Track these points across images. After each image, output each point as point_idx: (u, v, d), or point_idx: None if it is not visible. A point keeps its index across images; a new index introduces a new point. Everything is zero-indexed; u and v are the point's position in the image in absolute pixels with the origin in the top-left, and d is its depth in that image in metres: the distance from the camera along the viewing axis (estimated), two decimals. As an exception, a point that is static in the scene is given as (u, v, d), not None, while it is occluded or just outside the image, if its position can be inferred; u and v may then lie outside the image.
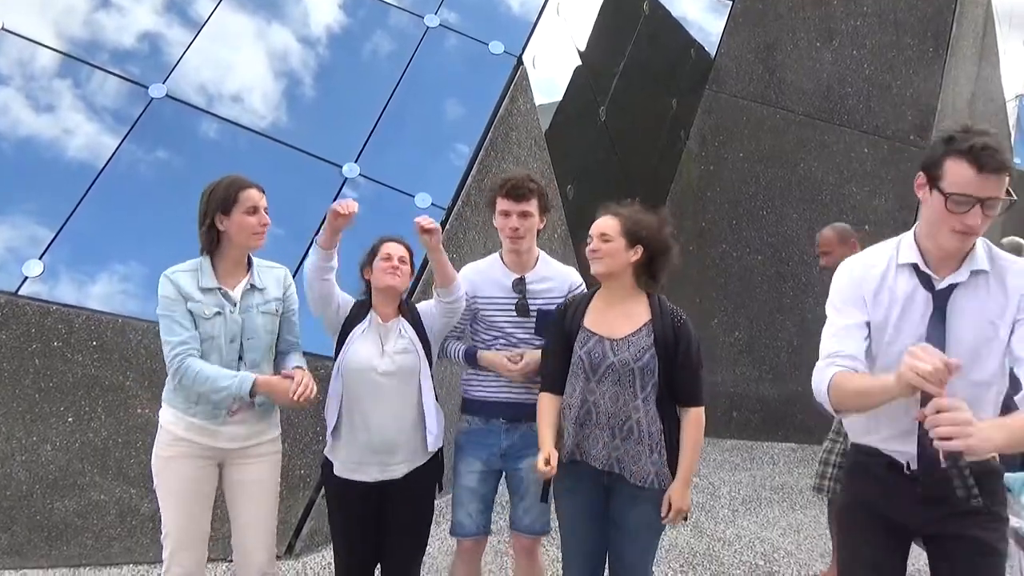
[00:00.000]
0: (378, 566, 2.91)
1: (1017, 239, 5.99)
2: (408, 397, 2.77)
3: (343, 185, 4.74)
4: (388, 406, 2.74)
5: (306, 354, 2.87)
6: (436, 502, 2.96)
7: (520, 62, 5.44)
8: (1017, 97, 13.99)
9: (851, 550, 2.28)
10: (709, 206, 8.18)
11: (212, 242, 2.68)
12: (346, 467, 2.79)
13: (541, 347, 2.83)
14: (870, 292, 2.13)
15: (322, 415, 2.90)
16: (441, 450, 2.92)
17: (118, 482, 3.99)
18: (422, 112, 5.19)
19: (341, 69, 5.35)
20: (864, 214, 7.43)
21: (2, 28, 4.78)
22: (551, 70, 6.15)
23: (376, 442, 2.73)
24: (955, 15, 7.97)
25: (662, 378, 2.54)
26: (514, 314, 2.91)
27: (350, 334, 2.78)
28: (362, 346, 2.76)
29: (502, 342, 2.93)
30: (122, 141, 4.62)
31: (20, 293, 4.06)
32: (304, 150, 4.83)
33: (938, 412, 1.72)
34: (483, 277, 2.98)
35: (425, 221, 2.70)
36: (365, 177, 4.80)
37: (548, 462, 2.51)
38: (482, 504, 2.92)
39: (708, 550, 4.52)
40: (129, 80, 4.83)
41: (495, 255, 3.05)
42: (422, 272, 4.52)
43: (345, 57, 5.40)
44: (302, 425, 4.10)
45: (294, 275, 2.92)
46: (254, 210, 2.66)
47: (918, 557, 2.26)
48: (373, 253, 2.84)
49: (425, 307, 2.92)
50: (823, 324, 2.25)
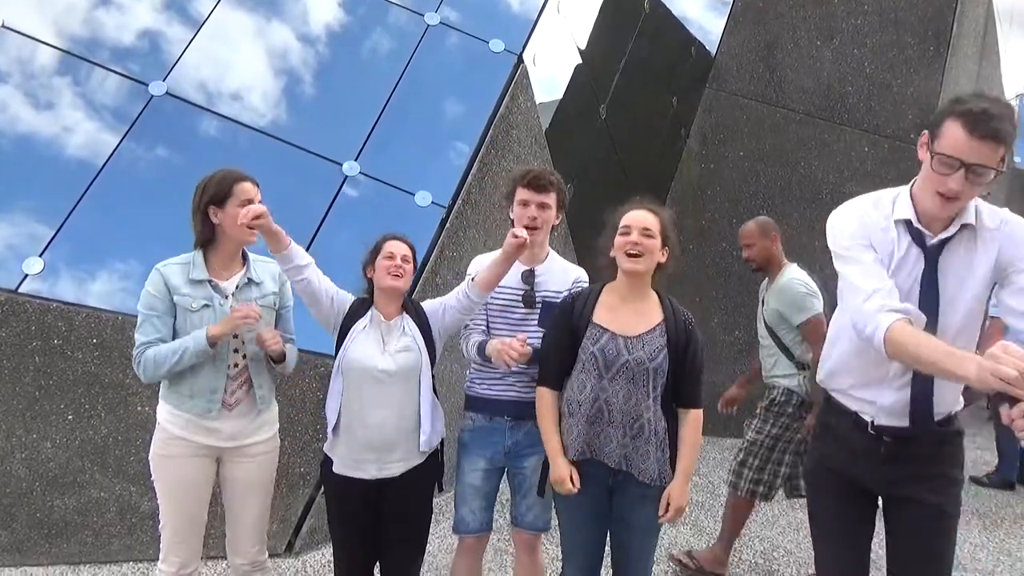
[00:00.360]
0: (378, 565, 2.91)
1: None
2: (408, 396, 2.77)
3: (343, 183, 4.74)
4: (387, 404, 2.74)
5: (306, 351, 2.88)
6: (435, 500, 2.96)
7: (520, 60, 5.43)
8: (1018, 96, 13.98)
9: (819, 509, 2.30)
10: (709, 205, 8.18)
11: (206, 235, 2.69)
12: (345, 464, 2.78)
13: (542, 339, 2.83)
14: (875, 235, 2.12)
15: (322, 414, 2.90)
16: (441, 449, 2.92)
17: (118, 480, 3.99)
18: (422, 110, 5.18)
19: (341, 67, 5.34)
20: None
21: (2, 25, 4.77)
22: (551, 68, 6.15)
23: (374, 440, 2.73)
24: (956, 14, 7.96)
25: (669, 378, 2.55)
26: (520, 305, 2.92)
27: (350, 331, 2.78)
28: (363, 344, 2.75)
29: (505, 336, 2.93)
30: (122, 139, 4.62)
31: (20, 291, 4.06)
32: (304, 148, 4.82)
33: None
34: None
35: (520, 236, 2.66)
36: (365, 175, 4.80)
37: (572, 481, 2.56)
38: (485, 501, 2.93)
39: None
40: (129, 78, 4.83)
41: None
42: (422, 271, 4.53)
43: (345, 55, 5.40)
44: (302, 423, 4.10)
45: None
46: (248, 203, 2.66)
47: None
48: (376, 251, 2.83)
49: (432, 307, 2.91)
50: (822, 323, 2.25)
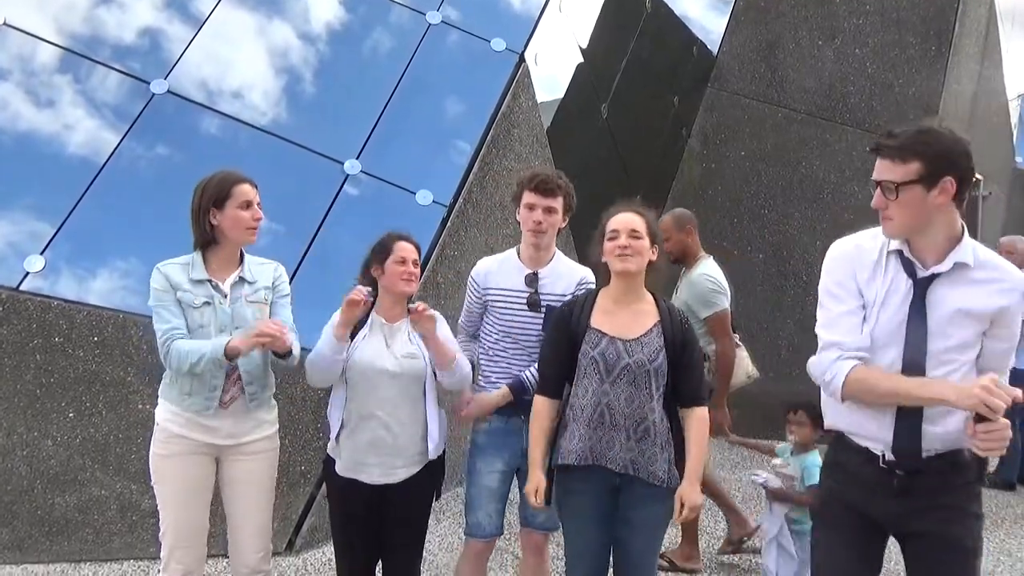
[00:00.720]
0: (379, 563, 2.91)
1: (1016, 238, 5.99)
2: (413, 402, 2.76)
3: (344, 182, 4.74)
4: (392, 409, 2.72)
5: (308, 350, 2.86)
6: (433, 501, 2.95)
7: (522, 59, 5.43)
8: (1019, 96, 13.96)
9: (825, 546, 2.27)
10: (710, 204, 8.16)
11: (205, 237, 2.68)
12: (348, 467, 2.78)
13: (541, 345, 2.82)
14: (863, 273, 2.15)
15: (323, 412, 2.90)
16: (444, 455, 2.90)
17: (119, 477, 3.99)
18: (424, 109, 5.18)
19: (343, 65, 5.34)
20: (865, 213, 7.34)
21: (4, 23, 4.77)
22: (553, 67, 6.15)
23: (379, 445, 2.72)
24: (958, 14, 7.95)
25: (670, 379, 2.55)
26: (524, 308, 2.90)
27: (354, 338, 2.76)
28: (366, 349, 2.74)
29: (508, 340, 2.94)
30: (123, 137, 4.61)
31: (21, 288, 4.06)
32: (305, 146, 4.82)
33: (988, 432, 1.87)
34: (498, 268, 3.00)
35: (421, 307, 2.68)
36: (366, 174, 4.80)
37: (538, 493, 2.57)
38: (500, 504, 2.91)
39: (708, 548, 4.52)
40: (130, 76, 4.83)
41: (513, 250, 3.05)
42: (423, 270, 4.53)
43: (347, 53, 5.39)
44: (303, 422, 4.10)
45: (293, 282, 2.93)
46: (247, 205, 2.65)
47: (898, 560, 2.26)
48: (385, 252, 2.78)
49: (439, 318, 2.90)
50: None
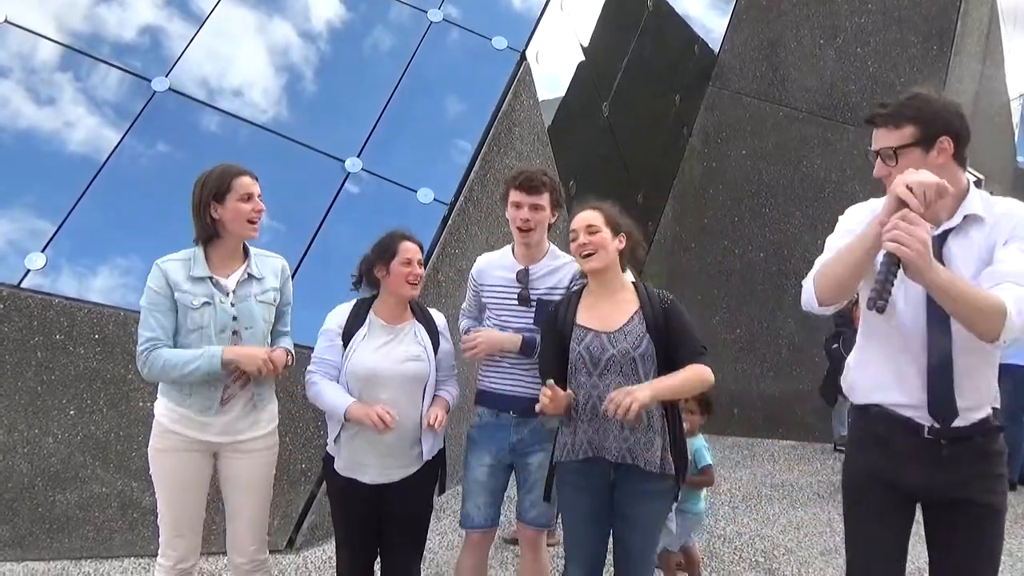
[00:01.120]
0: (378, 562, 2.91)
1: None
2: (412, 404, 2.76)
3: (345, 180, 4.74)
4: (392, 413, 2.71)
5: (308, 347, 2.87)
6: (435, 499, 2.96)
7: (523, 57, 5.43)
8: (1021, 96, 13.94)
9: (859, 518, 2.27)
10: (711, 203, 8.17)
11: (207, 231, 2.67)
12: (347, 467, 2.79)
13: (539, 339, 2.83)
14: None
15: (323, 411, 2.90)
16: (443, 452, 2.92)
17: (119, 475, 4.00)
18: (425, 107, 5.18)
19: (344, 63, 5.34)
20: (867, 212, 7.41)
21: (5, 21, 4.77)
22: (554, 66, 6.14)
23: (377, 447, 2.73)
24: (960, 13, 7.95)
25: (660, 362, 2.56)
26: (516, 303, 2.93)
27: (351, 342, 2.76)
28: (365, 352, 2.74)
29: (501, 330, 2.96)
30: (124, 134, 4.62)
31: (22, 286, 4.06)
32: (307, 144, 4.82)
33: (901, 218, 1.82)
34: (492, 266, 3.04)
35: (434, 423, 2.74)
36: (367, 172, 4.80)
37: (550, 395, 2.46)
38: (491, 497, 2.93)
39: (708, 547, 4.52)
40: (132, 73, 4.83)
41: (508, 247, 3.08)
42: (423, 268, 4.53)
43: (348, 51, 5.39)
44: (303, 419, 4.10)
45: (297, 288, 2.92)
46: (248, 197, 2.65)
47: (918, 556, 2.26)
48: (390, 252, 2.77)
49: (440, 321, 2.93)
50: (824, 322, 2.25)
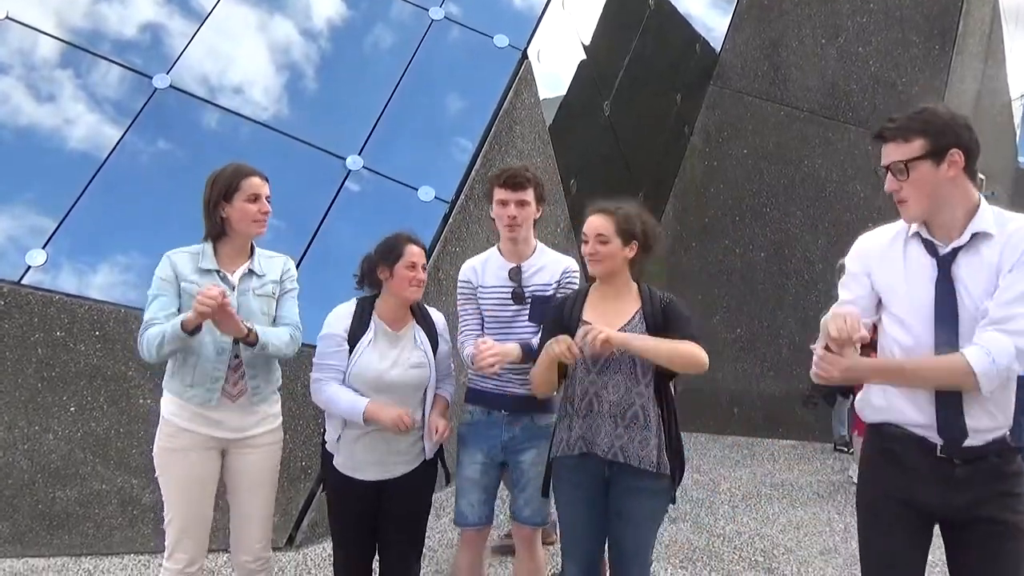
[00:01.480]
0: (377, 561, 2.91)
1: None
2: (414, 407, 2.77)
3: (346, 178, 4.74)
4: None
5: (309, 346, 2.86)
6: (435, 496, 2.96)
7: (525, 56, 5.42)
8: (1022, 96, 13.93)
9: (876, 537, 2.25)
10: (712, 202, 8.17)
11: (216, 229, 2.69)
12: (347, 465, 2.79)
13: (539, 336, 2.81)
14: (875, 259, 2.18)
15: (323, 409, 2.91)
16: (441, 450, 2.92)
17: (120, 472, 4.00)
18: (426, 105, 5.17)
19: (345, 61, 5.33)
20: (867, 212, 7.42)
21: (6, 17, 4.77)
22: (556, 64, 6.14)
23: (379, 447, 2.74)
24: (962, 13, 7.95)
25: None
26: (511, 302, 2.92)
27: (356, 347, 2.75)
28: (370, 357, 2.73)
29: (497, 336, 2.90)
30: (125, 131, 4.61)
31: (23, 282, 4.06)
32: (308, 142, 4.82)
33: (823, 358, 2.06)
34: (483, 268, 3.01)
35: (438, 433, 2.78)
36: (368, 170, 4.80)
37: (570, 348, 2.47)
38: (484, 495, 2.93)
39: (708, 546, 4.53)
40: (133, 70, 4.82)
41: (493, 248, 3.06)
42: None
43: (349, 49, 5.39)
44: (304, 417, 4.10)
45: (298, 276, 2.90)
46: (255, 198, 2.66)
47: (932, 551, 2.25)
48: (395, 255, 2.75)
49: (440, 322, 2.91)
50: None
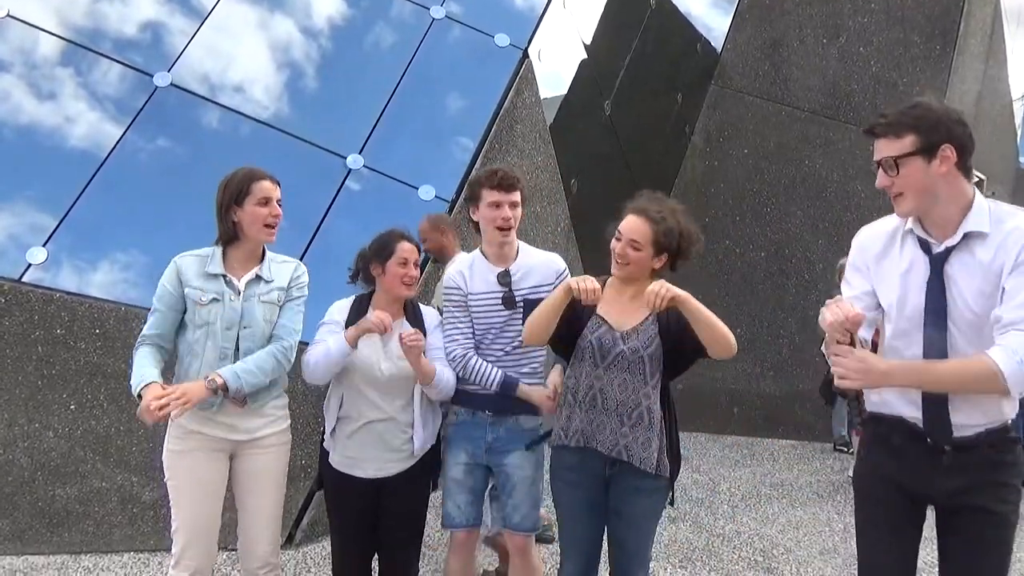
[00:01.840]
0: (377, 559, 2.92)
1: None
2: (405, 400, 2.78)
3: (347, 176, 4.74)
4: (385, 408, 2.76)
5: (305, 342, 2.86)
6: (435, 495, 2.97)
7: (526, 55, 5.42)
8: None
9: (869, 518, 2.27)
10: (713, 202, 8.16)
11: (228, 233, 2.69)
12: (342, 462, 2.81)
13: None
14: (872, 257, 2.19)
15: (323, 407, 2.91)
16: (438, 447, 2.93)
17: (120, 470, 4.01)
18: (427, 104, 5.17)
19: (346, 60, 5.33)
20: (868, 212, 7.37)
21: (7, 15, 4.77)
22: (556, 63, 6.13)
23: (371, 444, 2.75)
24: (963, 13, 7.94)
25: (666, 365, 2.57)
26: (501, 308, 2.88)
27: None
28: (363, 348, 2.75)
29: (486, 341, 2.89)
30: (126, 130, 4.62)
31: (23, 280, 4.06)
32: (308, 140, 4.82)
33: (837, 355, 1.96)
34: (471, 274, 2.94)
35: (409, 339, 2.64)
36: (369, 168, 4.80)
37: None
38: (470, 496, 2.90)
39: (707, 545, 4.53)
40: (133, 68, 4.83)
41: (475, 252, 3.00)
42: (424, 265, 4.53)
43: (350, 48, 5.39)
44: (303, 416, 4.10)
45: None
46: (266, 201, 2.66)
47: (929, 552, 2.27)
48: (387, 251, 2.78)
49: (433, 339, 2.88)
50: None
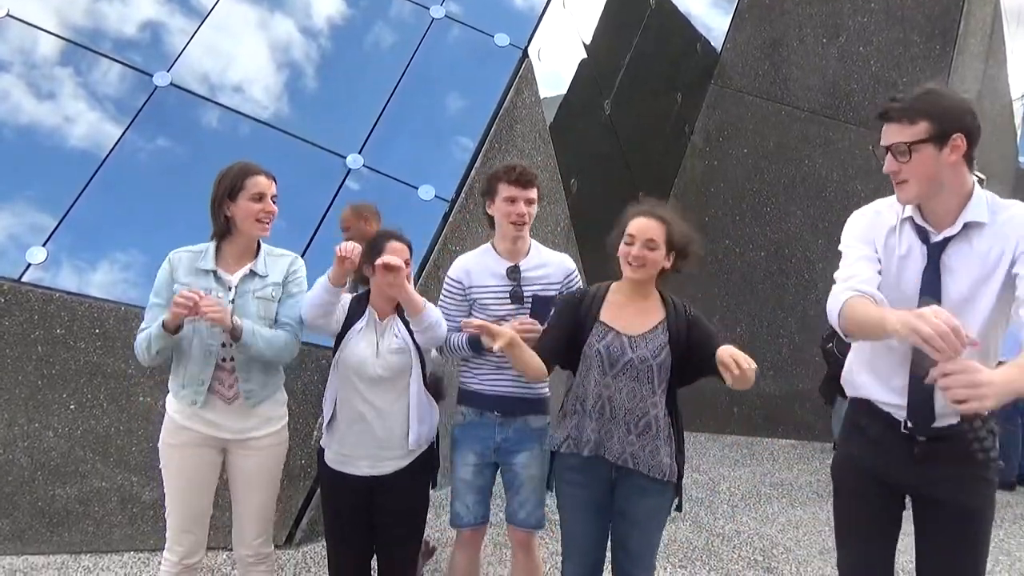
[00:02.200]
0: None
1: None
2: (399, 396, 2.78)
3: (347, 176, 4.74)
4: (380, 404, 2.75)
5: (308, 344, 2.87)
6: (435, 493, 2.97)
7: (525, 54, 5.42)
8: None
9: (847, 510, 2.29)
10: (712, 202, 8.16)
11: (221, 228, 2.70)
12: (337, 460, 2.81)
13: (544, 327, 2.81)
14: (881, 237, 2.18)
15: (323, 407, 2.91)
16: (436, 444, 2.93)
17: (120, 470, 4.01)
18: (426, 104, 5.17)
19: (345, 59, 5.33)
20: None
21: (7, 15, 4.77)
22: (556, 63, 6.13)
23: (367, 439, 2.75)
24: (963, 13, 7.94)
25: (674, 373, 2.57)
26: (508, 302, 2.91)
27: (349, 331, 2.77)
28: (359, 344, 2.76)
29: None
30: (126, 129, 4.61)
31: (23, 280, 4.06)
32: (308, 140, 4.82)
33: (946, 375, 1.66)
34: (478, 266, 2.98)
35: (392, 260, 2.59)
36: (369, 168, 4.80)
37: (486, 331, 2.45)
38: (479, 495, 2.93)
39: (707, 545, 4.53)
40: (133, 68, 4.82)
41: (486, 245, 3.04)
42: (425, 264, 4.53)
43: (350, 47, 5.39)
44: (303, 416, 4.10)
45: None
46: (260, 197, 2.66)
47: (907, 554, 2.27)
48: (376, 252, 2.77)
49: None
50: (824, 321, 2.25)
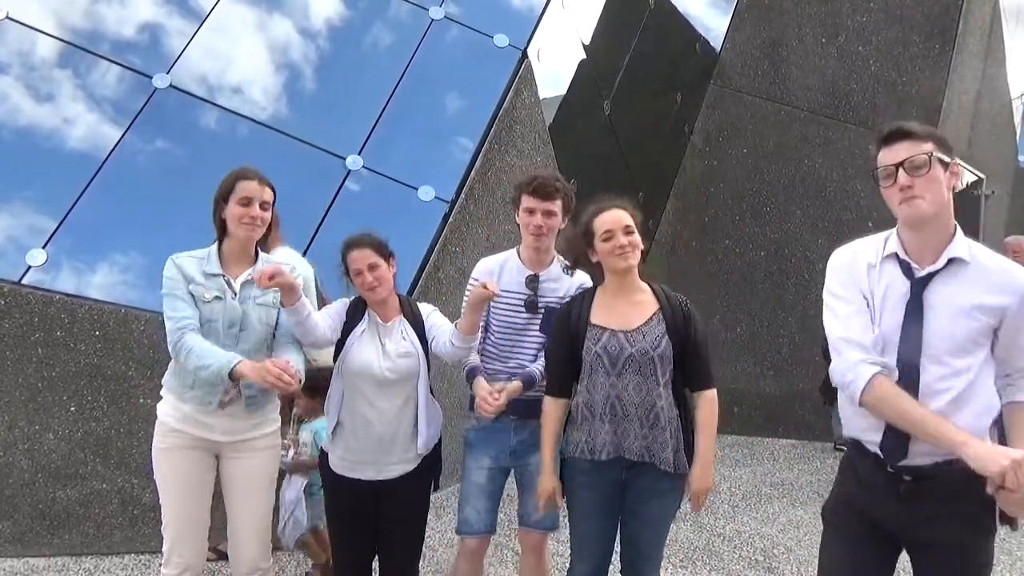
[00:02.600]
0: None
1: (1019, 237, 6.00)
2: (406, 400, 2.77)
3: (346, 177, 4.74)
4: (386, 408, 2.73)
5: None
6: (435, 495, 2.95)
7: (525, 55, 5.42)
8: (1023, 95, 13.91)
9: (832, 550, 2.26)
10: (712, 201, 8.16)
11: (218, 229, 2.71)
12: (342, 464, 2.79)
13: (544, 350, 2.83)
14: (863, 279, 2.16)
15: (322, 412, 2.91)
16: (439, 447, 2.91)
17: (120, 472, 4.00)
18: (426, 104, 5.17)
19: (345, 61, 5.34)
20: (868, 211, 7.41)
21: (6, 17, 4.77)
22: (555, 63, 6.13)
23: (372, 443, 2.73)
24: (962, 12, 7.92)
25: (676, 363, 2.56)
26: (523, 309, 2.91)
27: (349, 336, 2.76)
28: (362, 348, 2.74)
29: (507, 341, 2.92)
30: (125, 131, 4.62)
31: (23, 282, 4.06)
32: (307, 141, 4.82)
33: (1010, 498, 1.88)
34: (500, 269, 2.99)
35: (492, 286, 2.60)
36: (368, 169, 4.80)
37: (549, 498, 2.64)
38: (490, 502, 2.91)
39: (707, 545, 4.53)
40: (132, 70, 4.83)
41: (513, 250, 3.05)
42: (425, 265, 4.52)
43: (349, 49, 5.39)
44: (303, 417, 4.10)
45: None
46: (247, 201, 2.65)
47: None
48: (345, 266, 2.77)
49: (427, 322, 2.87)
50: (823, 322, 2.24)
